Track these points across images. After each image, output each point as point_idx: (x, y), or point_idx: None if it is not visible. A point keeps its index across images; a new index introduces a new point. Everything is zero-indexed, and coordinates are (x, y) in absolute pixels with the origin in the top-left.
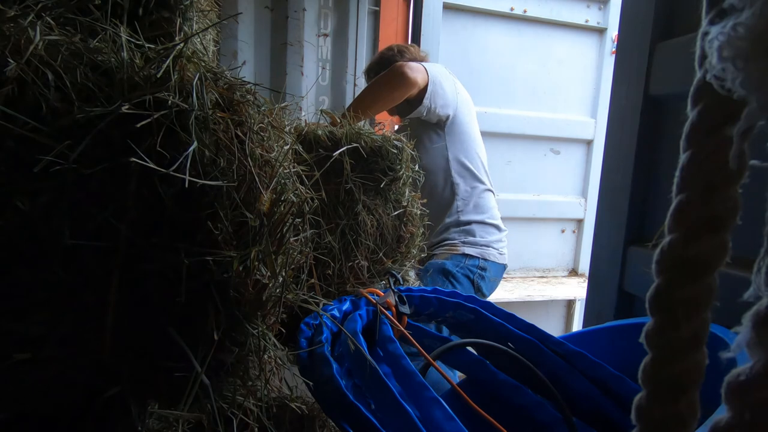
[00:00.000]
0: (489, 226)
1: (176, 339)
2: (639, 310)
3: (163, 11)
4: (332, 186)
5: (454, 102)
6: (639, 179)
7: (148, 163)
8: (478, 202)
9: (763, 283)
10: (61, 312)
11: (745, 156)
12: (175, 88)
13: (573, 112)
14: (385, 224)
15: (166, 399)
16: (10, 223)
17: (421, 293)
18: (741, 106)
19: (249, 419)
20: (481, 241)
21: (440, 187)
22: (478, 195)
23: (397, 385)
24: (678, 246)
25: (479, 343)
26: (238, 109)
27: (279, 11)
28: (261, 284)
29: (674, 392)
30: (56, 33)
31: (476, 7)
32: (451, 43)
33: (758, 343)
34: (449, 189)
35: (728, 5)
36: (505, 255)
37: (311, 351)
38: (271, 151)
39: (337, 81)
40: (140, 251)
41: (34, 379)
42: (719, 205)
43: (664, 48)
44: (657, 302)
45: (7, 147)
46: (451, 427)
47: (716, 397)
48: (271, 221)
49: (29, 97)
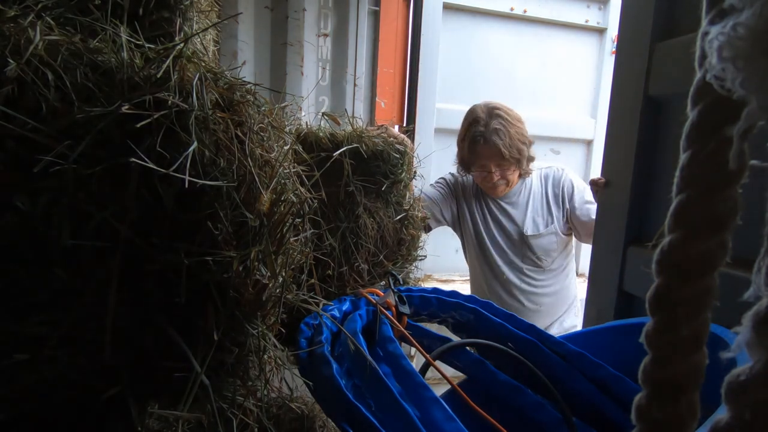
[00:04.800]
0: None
1: (176, 339)
2: (639, 310)
3: (163, 11)
4: (333, 188)
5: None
6: (639, 179)
7: (148, 163)
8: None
9: (763, 283)
10: (61, 312)
11: (745, 156)
12: (175, 88)
13: (573, 112)
14: (385, 227)
15: (166, 399)
16: (10, 223)
17: (421, 293)
18: (741, 106)
19: (249, 419)
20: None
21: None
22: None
23: (397, 385)
24: (678, 246)
25: (479, 343)
26: (238, 109)
27: (279, 11)
28: (261, 284)
29: (674, 392)
30: (56, 33)
31: (476, 7)
32: (451, 43)
33: (758, 343)
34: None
35: (728, 5)
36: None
37: (311, 351)
38: (271, 151)
39: (337, 81)
40: (140, 251)
41: (34, 379)
42: (719, 205)
43: (664, 48)
44: (657, 302)
45: (7, 147)
46: (451, 427)
47: (716, 397)
48: (271, 221)
49: (29, 97)
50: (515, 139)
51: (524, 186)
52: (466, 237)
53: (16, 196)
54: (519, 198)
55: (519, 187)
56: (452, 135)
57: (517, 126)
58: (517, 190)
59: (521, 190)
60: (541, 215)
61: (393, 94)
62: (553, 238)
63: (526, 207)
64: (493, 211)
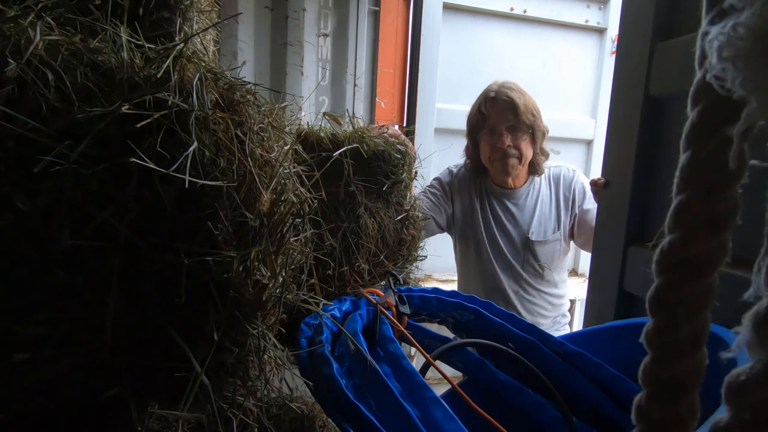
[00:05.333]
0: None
1: (176, 339)
2: (639, 310)
3: (163, 11)
4: (333, 188)
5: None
6: (639, 179)
7: (148, 163)
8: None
9: (763, 283)
10: (61, 312)
11: (745, 156)
12: (175, 88)
13: (573, 112)
14: (386, 227)
15: (166, 399)
16: (10, 223)
17: (421, 293)
18: (741, 106)
19: (249, 419)
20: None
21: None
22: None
23: (397, 384)
24: (678, 246)
25: (479, 343)
26: (238, 109)
27: (279, 11)
28: (261, 284)
29: (674, 392)
30: (56, 33)
31: (476, 7)
32: (451, 43)
33: (758, 343)
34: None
35: (728, 5)
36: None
37: (311, 351)
38: (271, 151)
39: (337, 81)
40: (140, 251)
41: (34, 379)
42: (719, 205)
43: (664, 48)
44: (657, 302)
45: (7, 147)
46: (451, 427)
47: (716, 397)
48: (271, 221)
49: (29, 97)
50: (529, 104)
51: (532, 187)
52: (460, 237)
53: (16, 196)
54: (526, 200)
55: (527, 188)
56: (452, 135)
57: (531, 98)
58: (525, 191)
59: (529, 191)
60: (549, 220)
61: (393, 94)
62: (558, 245)
63: (534, 210)
64: (497, 211)
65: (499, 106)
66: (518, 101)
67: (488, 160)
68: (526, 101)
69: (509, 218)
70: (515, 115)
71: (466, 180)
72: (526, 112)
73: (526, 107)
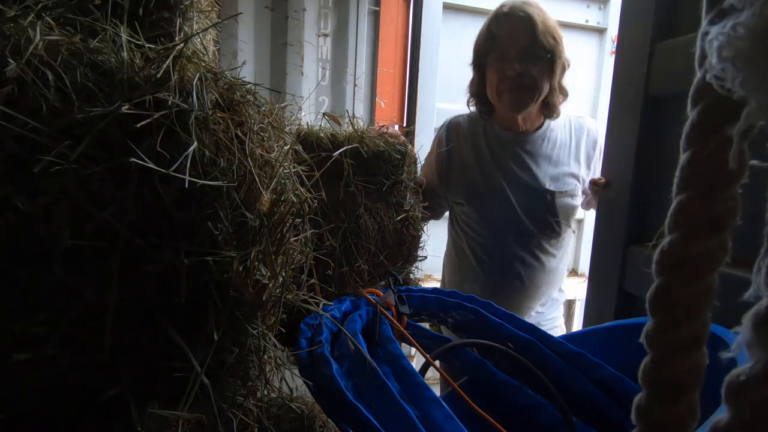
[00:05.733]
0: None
1: (176, 339)
2: (639, 310)
3: (163, 11)
4: (334, 188)
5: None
6: (639, 179)
7: (148, 163)
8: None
9: (763, 283)
10: (61, 312)
11: (745, 156)
12: (175, 88)
13: (573, 111)
14: (386, 227)
15: (166, 399)
16: (10, 223)
17: (421, 293)
18: (741, 106)
19: (249, 419)
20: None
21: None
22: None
23: (397, 385)
24: (678, 246)
25: (479, 343)
26: (238, 109)
27: (279, 11)
28: (261, 284)
29: (674, 392)
30: (56, 33)
31: (476, 7)
32: (451, 43)
33: (758, 343)
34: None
35: (728, 5)
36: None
37: (311, 351)
38: (271, 151)
39: (337, 81)
40: (140, 251)
41: (34, 379)
42: (719, 205)
43: (664, 48)
44: (657, 302)
45: (7, 147)
46: (451, 427)
47: (716, 397)
48: (271, 221)
49: (29, 97)
50: (550, 25)
51: (549, 131)
52: (457, 191)
53: (16, 196)
54: (541, 147)
55: (542, 133)
56: None
57: (553, 20)
58: (540, 136)
59: (545, 136)
60: (569, 171)
61: (393, 94)
62: (576, 201)
63: (551, 157)
64: (507, 161)
65: (512, 24)
66: (537, 19)
67: (495, 91)
68: (546, 20)
69: (523, 168)
70: (532, 34)
71: (461, 128)
72: (546, 33)
73: (545, 27)
